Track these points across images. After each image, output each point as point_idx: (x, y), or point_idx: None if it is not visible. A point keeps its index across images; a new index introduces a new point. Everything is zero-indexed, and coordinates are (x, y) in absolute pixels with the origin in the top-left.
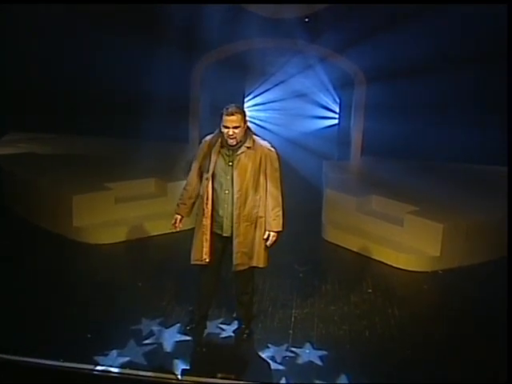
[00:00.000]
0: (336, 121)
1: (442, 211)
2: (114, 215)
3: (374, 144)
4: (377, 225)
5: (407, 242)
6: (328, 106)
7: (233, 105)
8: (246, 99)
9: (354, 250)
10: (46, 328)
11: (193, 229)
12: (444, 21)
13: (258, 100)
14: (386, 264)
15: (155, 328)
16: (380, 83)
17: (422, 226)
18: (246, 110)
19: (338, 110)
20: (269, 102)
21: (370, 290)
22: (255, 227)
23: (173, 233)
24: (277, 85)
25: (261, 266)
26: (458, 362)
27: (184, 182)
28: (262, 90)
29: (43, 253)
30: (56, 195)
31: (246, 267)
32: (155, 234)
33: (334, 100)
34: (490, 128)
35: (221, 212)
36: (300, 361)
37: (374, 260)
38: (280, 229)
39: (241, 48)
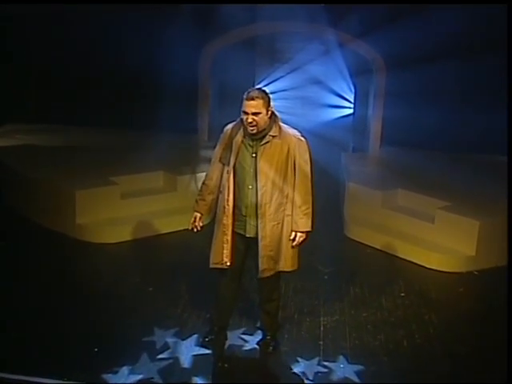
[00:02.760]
0: (351, 110)
1: (477, 206)
2: (120, 212)
3: (394, 134)
4: (405, 221)
5: (439, 241)
6: (343, 94)
7: (255, 88)
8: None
9: (381, 248)
10: (47, 341)
11: (209, 225)
12: (467, 6)
13: (269, 88)
14: (417, 264)
15: (170, 340)
16: (401, 70)
17: (455, 223)
18: (269, 94)
19: (353, 99)
20: (280, 91)
21: (403, 294)
22: (282, 227)
23: (185, 230)
24: (289, 72)
25: (288, 270)
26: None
27: (196, 176)
28: (273, 78)
29: (43, 253)
30: (57, 190)
31: (273, 272)
32: (165, 231)
33: (349, 88)
34: None
35: (243, 210)
36: (335, 377)
37: (404, 260)
38: (309, 229)
39: (252, 33)
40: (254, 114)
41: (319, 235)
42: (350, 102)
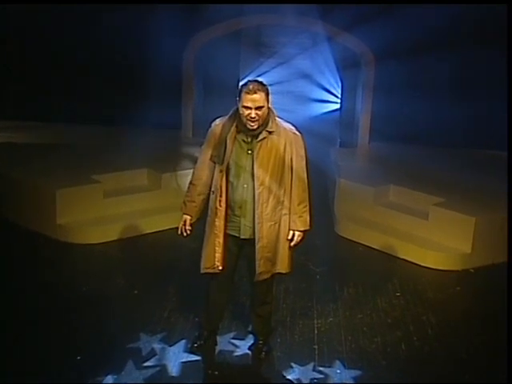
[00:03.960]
0: (338, 105)
1: (472, 202)
2: (103, 211)
3: (384, 128)
4: (398, 218)
5: (434, 238)
6: (329, 88)
7: (253, 80)
8: (242, 82)
9: (374, 246)
10: (26, 349)
11: (197, 223)
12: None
13: None
14: (412, 262)
15: (157, 346)
16: (391, 63)
17: (450, 220)
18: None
19: (339, 93)
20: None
21: (399, 294)
22: (279, 227)
23: (171, 229)
24: (275, 67)
25: (284, 271)
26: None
27: (182, 173)
28: (259, 72)
29: (22, 255)
30: (36, 189)
31: (270, 275)
32: (151, 231)
33: (336, 82)
34: None
35: (237, 211)
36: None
37: (398, 258)
38: (307, 227)
39: (238, 26)
40: (258, 108)
41: (309, 233)
42: (336, 96)
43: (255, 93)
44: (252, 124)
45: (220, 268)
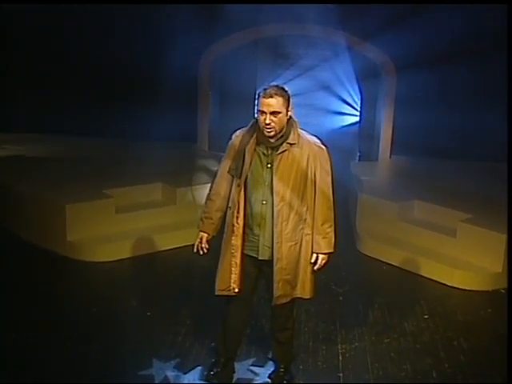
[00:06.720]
0: (357, 118)
1: (502, 218)
2: (115, 227)
3: (406, 141)
4: (424, 235)
5: (462, 256)
6: (349, 100)
7: (274, 85)
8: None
9: (398, 265)
10: (29, 375)
11: (214, 240)
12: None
13: None
14: (439, 282)
15: (170, 373)
16: (413, 73)
17: (479, 237)
18: (290, 93)
19: (359, 105)
20: None
21: (427, 316)
22: (300, 247)
23: (187, 247)
24: (292, 79)
25: (306, 297)
26: None
27: (197, 188)
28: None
29: (30, 272)
30: (46, 204)
31: (289, 299)
32: (165, 248)
33: (356, 94)
34: None
35: (256, 229)
36: None
37: (424, 277)
38: (332, 250)
39: (256, 36)
40: (273, 113)
41: None
42: (355, 109)
43: (271, 97)
44: (268, 130)
45: (236, 291)
